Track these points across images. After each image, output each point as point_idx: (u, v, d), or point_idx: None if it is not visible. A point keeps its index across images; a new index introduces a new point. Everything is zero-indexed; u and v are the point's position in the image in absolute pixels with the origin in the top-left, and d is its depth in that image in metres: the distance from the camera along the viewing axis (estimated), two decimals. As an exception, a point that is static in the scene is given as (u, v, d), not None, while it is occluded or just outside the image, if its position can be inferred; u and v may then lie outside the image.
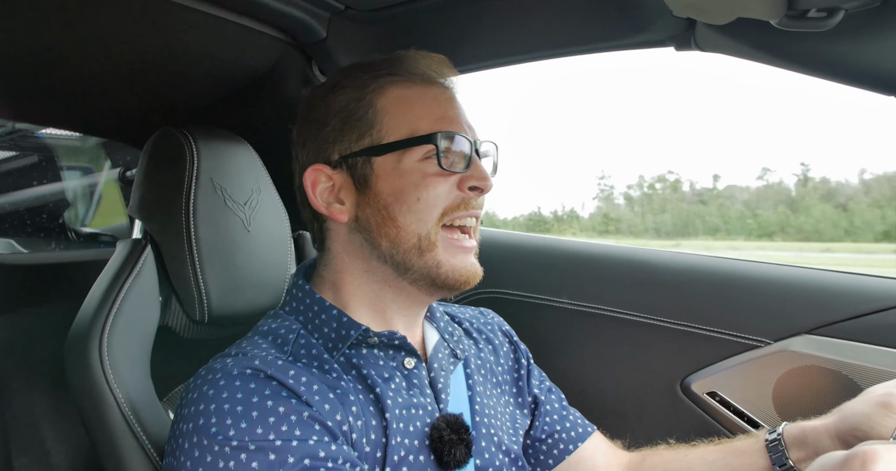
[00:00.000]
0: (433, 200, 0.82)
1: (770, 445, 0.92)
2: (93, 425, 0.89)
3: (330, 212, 0.86)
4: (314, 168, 0.86)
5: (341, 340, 0.82)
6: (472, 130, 0.88)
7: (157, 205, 1.05)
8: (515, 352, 1.07)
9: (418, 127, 0.83)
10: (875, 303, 1.22)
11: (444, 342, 0.93)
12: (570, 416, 1.06)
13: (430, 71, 0.88)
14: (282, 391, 0.71)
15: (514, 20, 1.10)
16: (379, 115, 0.84)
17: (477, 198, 0.85)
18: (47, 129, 2.14)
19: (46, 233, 2.10)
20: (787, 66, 0.89)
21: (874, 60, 0.79)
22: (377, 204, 0.83)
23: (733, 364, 1.32)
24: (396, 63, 0.88)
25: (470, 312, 1.10)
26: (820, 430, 0.88)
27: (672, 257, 1.50)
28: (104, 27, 0.98)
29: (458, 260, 0.84)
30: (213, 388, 0.71)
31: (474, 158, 0.85)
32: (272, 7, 1.02)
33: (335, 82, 0.89)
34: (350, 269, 0.87)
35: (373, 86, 0.85)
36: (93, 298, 0.97)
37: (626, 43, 1.12)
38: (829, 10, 0.72)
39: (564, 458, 1.02)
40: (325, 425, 0.71)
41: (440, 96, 0.87)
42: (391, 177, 0.83)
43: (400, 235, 0.82)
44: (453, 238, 0.84)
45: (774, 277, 1.36)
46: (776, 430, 0.94)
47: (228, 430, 0.67)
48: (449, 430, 0.81)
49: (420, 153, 0.82)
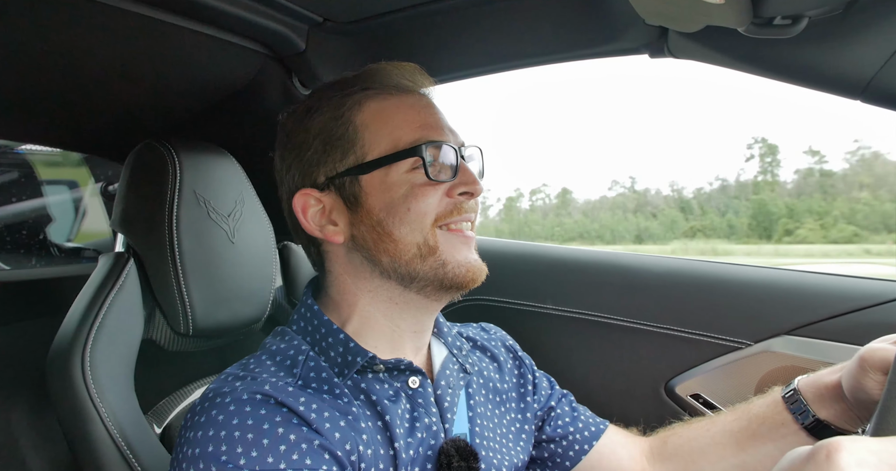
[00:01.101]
0: (424, 208, 0.81)
1: (790, 402, 0.92)
2: (76, 441, 0.88)
3: (324, 234, 0.85)
4: (302, 193, 0.85)
5: (347, 365, 0.80)
6: (454, 135, 0.87)
7: (139, 218, 1.04)
8: (520, 367, 1.06)
9: (400, 138, 0.82)
10: (851, 303, 1.24)
11: (452, 358, 0.92)
12: (582, 416, 1.05)
13: (403, 80, 0.88)
14: (292, 419, 0.69)
15: (491, 30, 1.11)
16: (359, 132, 0.83)
17: (468, 202, 0.85)
18: (27, 145, 2.12)
19: (27, 249, 2.07)
20: (757, 72, 0.91)
21: (838, 65, 0.81)
22: (370, 221, 0.82)
23: (716, 366, 1.34)
24: (369, 77, 0.87)
25: (473, 329, 1.09)
26: (833, 386, 0.88)
27: (654, 262, 1.52)
28: (83, 42, 0.98)
29: (462, 255, 0.83)
30: (223, 413, 0.69)
31: (461, 163, 0.84)
32: (251, 20, 1.03)
33: (310, 105, 0.88)
34: (353, 290, 0.86)
35: (348, 103, 0.85)
36: (75, 312, 0.97)
37: (601, 51, 1.14)
38: (793, 17, 0.74)
39: (581, 458, 1.01)
40: (334, 455, 0.69)
41: (417, 104, 0.86)
42: (380, 192, 0.82)
43: (398, 248, 0.81)
44: (452, 229, 0.84)
45: (754, 279, 1.38)
46: (791, 385, 0.93)
47: (239, 458, 0.65)
48: (458, 456, 0.80)
49: (406, 165, 0.82)
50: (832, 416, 0.88)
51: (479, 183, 0.85)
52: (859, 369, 0.83)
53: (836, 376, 0.90)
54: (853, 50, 0.79)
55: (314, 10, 1.07)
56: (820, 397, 0.90)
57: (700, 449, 0.99)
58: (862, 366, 0.82)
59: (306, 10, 1.06)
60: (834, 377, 0.90)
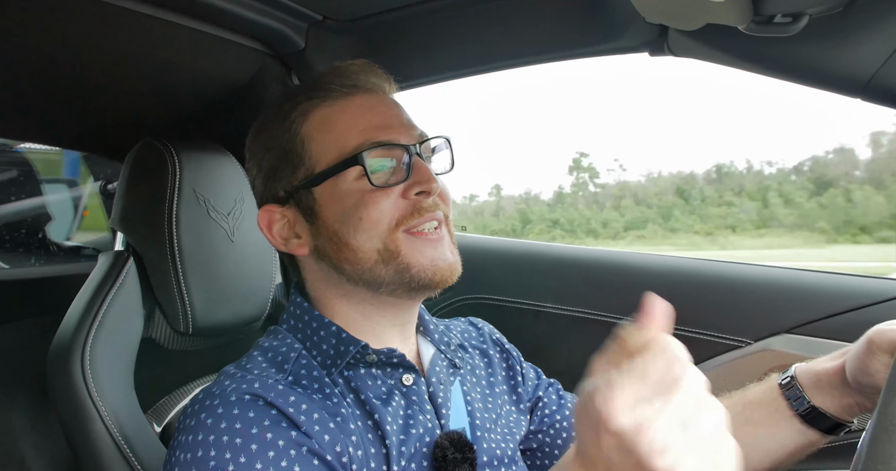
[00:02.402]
0: (376, 215, 0.79)
1: (785, 389, 0.90)
2: (76, 439, 0.88)
3: (289, 248, 0.85)
4: (265, 209, 0.85)
5: (340, 356, 0.80)
6: (410, 130, 0.84)
7: (139, 216, 1.04)
8: (508, 359, 1.05)
9: (344, 145, 0.80)
10: (851, 301, 1.24)
11: (440, 354, 0.92)
12: (569, 403, 1.04)
13: (348, 81, 0.85)
14: (281, 421, 0.69)
15: (491, 28, 1.11)
16: (306, 144, 0.82)
17: (425, 201, 0.81)
18: (26, 143, 2.12)
19: (26, 248, 2.07)
20: (757, 70, 0.91)
21: (839, 63, 0.81)
22: (327, 232, 0.81)
23: (715, 365, 1.33)
24: (315, 85, 0.85)
25: (461, 326, 1.08)
26: (832, 372, 0.87)
27: (654, 260, 1.52)
28: (82, 40, 0.97)
29: (426, 257, 0.80)
30: (212, 416, 0.69)
31: (414, 160, 0.81)
32: (250, 19, 1.03)
33: (263, 118, 0.87)
34: (329, 295, 0.86)
35: (294, 115, 0.83)
36: (75, 311, 0.97)
37: (602, 49, 1.13)
38: (794, 15, 0.74)
39: (569, 445, 0.98)
40: (323, 460, 0.69)
41: (364, 104, 0.83)
42: (332, 203, 0.81)
43: (357, 256, 0.80)
44: (414, 232, 0.81)
45: (753, 277, 1.38)
46: (789, 371, 0.91)
47: (227, 464, 0.65)
48: (453, 448, 0.79)
49: (354, 173, 0.80)
50: (828, 404, 0.87)
51: (434, 181, 0.81)
52: (866, 350, 0.81)
53: (835, 362, 0.88)
54: (854, 48, 0.78)
55: (314, 8, 1.07)
56: (817, 383, 0.88)
57: None
58: (870, 348, 0.81)
59: (306, 9, 1.06)
60: (833, 363, 0.88)
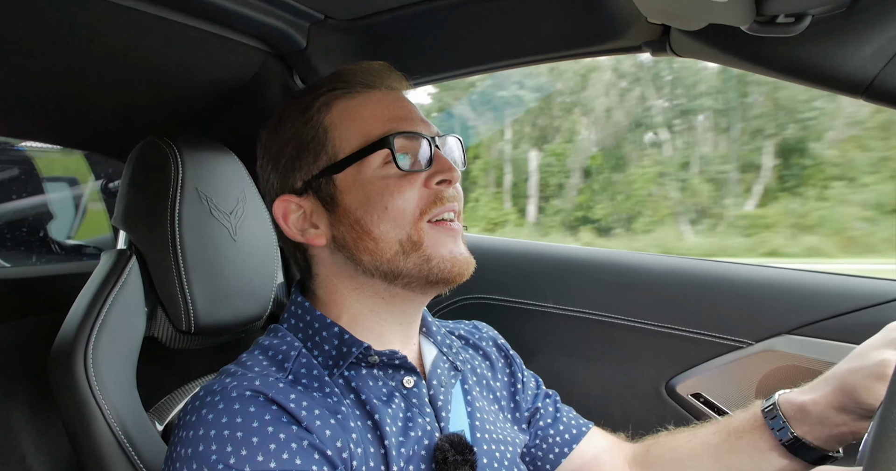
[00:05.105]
0: (402, 204, 0.80)
1: (769, 418, 0.91)
2: (79, 438, 0.89)
3: (306, 238, 0.85)
4: (281, 199, 0.85)
5: (342, 357, 0.80)
6: (427, 126, 0.86)
7: (141, 215, 1.04)
8: (511, 365, 1.05)
9: (369, 133, 0.81)
10: (853, 302, 1.24)
11: (442, 356, 0.92)
12: (564, 418, 1.04)
13: (369, 78, 0.87)
14: (282, 416, 0.69)
15: (493, 27, 1.11)
16: (329, 133, 0.83)
17: (447, 190, 0.83)
18: (27, 141, 2.12)
19: (28, 246, 2.07)
20: (760, 70, 0.91)
21: (841, 64, 0.81)
22: (349, 219, 0.81)
23: (717, 365, 1.34)
24: (335, 79, 0.87)
25: (465, 327, 1.08)
26: (822, 404, 0.87)
27: (655, 260, 1.52)
28: (84, 39, 0.98)
29: (447, 250, 0.81)
30: (213, 412, 0.69)
31: (435, 151, 0.83)
32: (252, 18, 1.03)
33: (280, 113, 0.88)
34: (340, 290, 0.86)
35: (316, 106, 0.85)
36: (77, 309, 0.97)
37: (604, 48, 1.13)
38: (797, 15, 0.73)
39: (560, 462, 1.00)
40: (324, 455, 0.69)
41: (385, 98, 0.86)
42: (355, 190, 0.81)
43: (379, 246, 0.80)
44: (437, 222, 0.82)
45: (755, 278, 1.38)
46: (772, 399, 0.92)
47: (229, 458, 0.65)
48: (453, 450, 0.79)
49: (378, 160, 0.81)
50: (814, 434, 0.87)
51: (455, 170, 0.83)
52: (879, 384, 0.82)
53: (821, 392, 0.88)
54: (856, 48, 0.78)
55: (315, 7, 1.07)
56: (802, 414, 0.89)
57: (679, 460, 0.98)
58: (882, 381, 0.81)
59: (307, 8, 1.06)
60: (819, 394, 0.88)
